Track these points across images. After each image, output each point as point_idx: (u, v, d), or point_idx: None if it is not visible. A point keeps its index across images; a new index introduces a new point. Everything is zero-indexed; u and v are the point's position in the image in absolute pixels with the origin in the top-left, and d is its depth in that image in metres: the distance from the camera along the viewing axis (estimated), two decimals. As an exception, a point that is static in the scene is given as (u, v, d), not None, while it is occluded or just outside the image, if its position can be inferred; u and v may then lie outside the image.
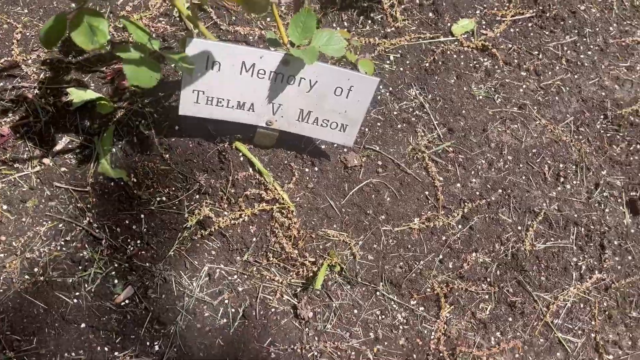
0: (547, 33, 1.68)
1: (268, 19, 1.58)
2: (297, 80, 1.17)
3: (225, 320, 1.26)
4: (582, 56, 1.66)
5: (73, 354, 1.20)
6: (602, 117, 1.57)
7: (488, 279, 1.37)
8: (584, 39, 1.68)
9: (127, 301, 1.26)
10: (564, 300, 1.36)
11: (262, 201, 1.33)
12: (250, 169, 1.35)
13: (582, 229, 1.43)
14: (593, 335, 1.35)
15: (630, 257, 1.42)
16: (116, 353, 1.21)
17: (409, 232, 1.38)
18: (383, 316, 1.32)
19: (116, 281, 1.26)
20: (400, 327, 1.31)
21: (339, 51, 1.14)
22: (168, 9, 1.56)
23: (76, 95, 1.33)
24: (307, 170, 1.38)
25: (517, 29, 1.68)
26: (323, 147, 1.40)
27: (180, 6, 1.02)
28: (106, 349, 1.21)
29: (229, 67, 1.14)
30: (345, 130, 1.27)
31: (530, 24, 1.69)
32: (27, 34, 1.50)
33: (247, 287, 1.30)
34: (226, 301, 1.28)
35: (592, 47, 1.67)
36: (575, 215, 1.44)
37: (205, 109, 1.22)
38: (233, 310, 1.27)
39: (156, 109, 1.39)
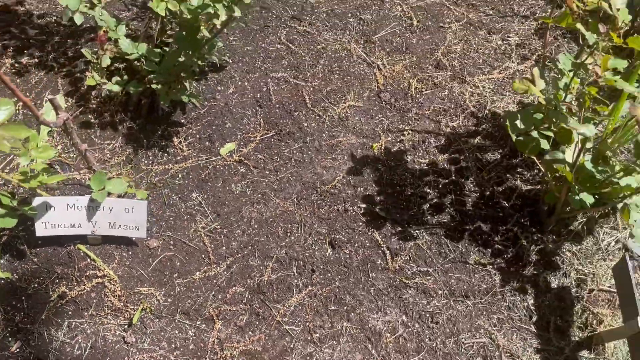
0: (283, 144, 2.73)
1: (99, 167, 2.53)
2: (101, 208, 2.12)
3: (80, 351, 2.13)
4: (304, 156, 2.70)
5: (-14, 385, 2.03)
6: (314, 192, 2.60)
7: (243, 301, 2.31)
8: (307, 144, 2.73)
9: (18, 349, 2.10)
10: (289, 306, 2.32)
11: (97, 277, 2.23)
12: (89, 259, 2.26)
13: (301, 262, 2.41)
14: (307, 323, 2.30)
15: (329, 274, 2.41)
16: (13, 381, 2.05)
17: (193, 281, 2.32)
18: (180, 333, 2.22)
19: (10, 338, 2.11)
20: (191, 338, 2.22)
21: (122, 190, 2.09)
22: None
23: (-24, 231, 2.21)
24: (124, 254, 2.31)
25: (264, 144, 2.71)
26: (133, 238, 2.34)
27: (24, 185, 1.95)
28: (6, 379, 2.05)
29: (60, 208, 2.07)
30: (139, 230, 2.21)
31: (272, 140, 2.73)
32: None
33: (93, 330, 2.18)
34: (80, 340, 2.15)
35: (311, 149, 2.73)
36: (297, 255, 2.43)
37: (52, 231, 2.13)
38: (84, 344, 2.14)
39: (26, 232, 2.29)
